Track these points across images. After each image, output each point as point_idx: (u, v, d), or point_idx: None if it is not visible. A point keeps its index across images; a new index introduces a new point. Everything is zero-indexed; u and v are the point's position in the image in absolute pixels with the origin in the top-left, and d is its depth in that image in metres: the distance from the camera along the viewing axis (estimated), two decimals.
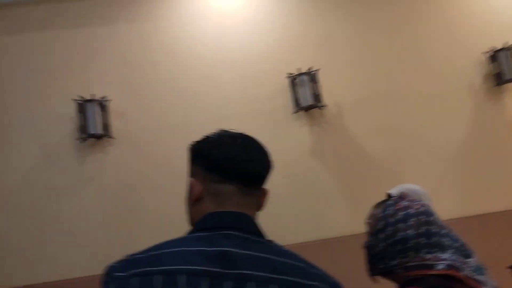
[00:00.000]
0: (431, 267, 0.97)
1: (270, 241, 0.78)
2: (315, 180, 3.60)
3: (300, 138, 3.66)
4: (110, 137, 3.48)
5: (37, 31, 3.55)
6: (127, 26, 3.69)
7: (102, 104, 3.45)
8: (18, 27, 3.53)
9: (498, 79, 3.68)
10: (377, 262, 1.09)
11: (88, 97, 3.39)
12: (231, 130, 0.92)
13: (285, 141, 3.63)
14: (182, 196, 0.98)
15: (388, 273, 1.07)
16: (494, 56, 3.69)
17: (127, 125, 3.56)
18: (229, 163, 0.80)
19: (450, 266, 0.95)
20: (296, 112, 3.64)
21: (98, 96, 3.43)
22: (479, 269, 0.99)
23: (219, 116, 3.65)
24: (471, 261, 1.00)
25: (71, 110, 3.42)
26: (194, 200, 0.82)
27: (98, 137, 3.43)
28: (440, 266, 0.95)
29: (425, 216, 1.06)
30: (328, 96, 3.64)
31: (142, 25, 3.72)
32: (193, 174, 0.86)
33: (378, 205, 1.18)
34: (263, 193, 0.89)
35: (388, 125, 3.72)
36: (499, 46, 3.71)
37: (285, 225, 3.44)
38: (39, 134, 3.42)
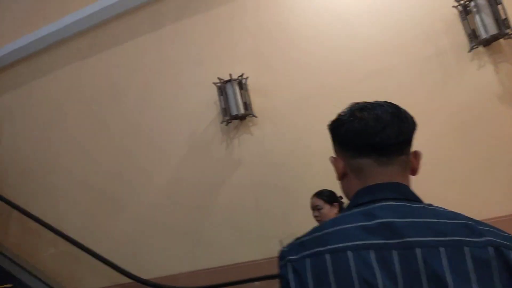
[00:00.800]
0: None
1: (428, 204, 0.74)
2: (503, 128, 2.69)
3: (481, 80, 2.79)
4: (253, 115, 3.27)
5: (173, 23, 3.61)
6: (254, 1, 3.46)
7: (241, 83, 3.27)
8: (158, 23, 3.65)
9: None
10: None
11: (227, 78, 3.25)
12: (362, 102, 0.85)
13: (460, 87, 2.82)
14: (333, 171, 0.90)
15: None
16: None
17: (268, 102, 3.32)
18: (360, 137, 0.78)
19: None
20: (473, 48, 2.78)
21: (235, 75, 3.27)
22: None
23: (369, 71, 3.08)
24: None
25: (214, 94, 3.34)
26: (341, 177, 0.85)
27: (241, 117, 3.27)
28: None
29: None
30: None
31: None
32: (335, 151, 0.88)
33: None
34: (414, 156, 0.84)
35: None
36: None
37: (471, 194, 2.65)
38: (187, 124, 3.46)
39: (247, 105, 3.25)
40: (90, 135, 3.69)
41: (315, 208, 2.18)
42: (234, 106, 3.19)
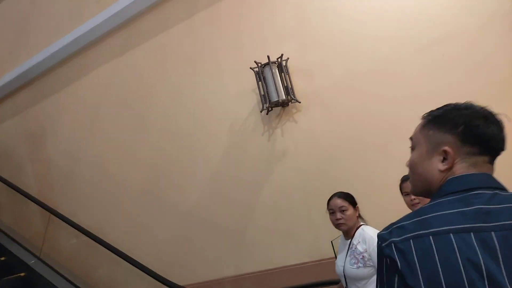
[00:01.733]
0: None
1: None
2: None
3: None
4: (296, 101, 2.92)
5: (207, 8, 3.35)
6: None
7: (281, 65, 2.94)
8: (190, 10, 3.41)
9: None
10: None
11: (265, 62, 2.93)
12: (482, 108, 0.88)
13: None
14: (393, 155, 0.88)
15: None
16: None
17: (313, 84, 2.95)
18: (492, 141, 0.85)
19: None
20: None
21: (274, 57, 2.94)
22: None
23: (424, 40, 2.62)
24: None
25: (253, 81, 3.03)
26: (446, 169, 0.86)
27: (283, 104, 2.93)
28: None
29: None
30: None
31: None
32: (440, 141, 0.87)
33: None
34: None
35: None
36: None
37: None
38: (226, 116, 3.18)
39: (288, 90, 2.90)
40: (128, 134, 3.54)
41: (338, 209, 2.02)
42: (274, 92, 2.86)
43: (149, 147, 3.43)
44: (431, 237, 0.74)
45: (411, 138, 0.96)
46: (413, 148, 0.94)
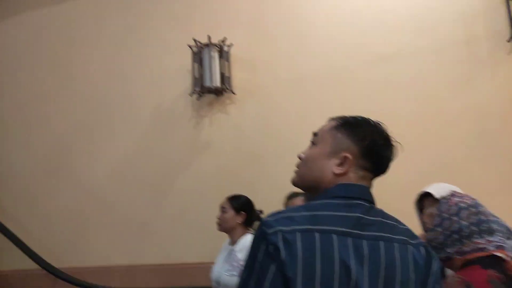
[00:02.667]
0: (484, 249, 1.12)
1: (382, 210, 0.89)
2: None
3: None
4: (231, 92, 2.70)
5: None
6: None
7: (222, 50, 2.70)
8: None
9: None
10: (438, 252, 1.18)
11: (206, 42, 2.68)
12: (385, 128, 0.94)
13: (491, 83, 2.22)
14: None
15: (447, 261, 1.19)
16: None
17: (254, 78, 2.74)
18: (386, 165, 0.92)
19: (498, 247, 1.12)
20: None
21: (216, 39, 2.70)
22: None
23: (379, 55, 2.49)
24: (510, 241, 1.15)
25: (189, 60, 2.77)
26: (340, 174, 0.89)
27: (217, 92, 2.69)
28: (491, 247, 1.12)
29: (475, 208, 1.19)
30: None
31: None
32: (346, 147, 0.90)
33: (432, 205, 1.32)
34: None
35: None
36: None
37: None
38: (154, 93, 2.88)
39: (225, 78, 2.67)
40: (43, 91, 3.11)
41: (220, 209, 2.07)
42: (209, 77, 2.61)
43: (63, 112, 3.04)
44: (317, 233, 0.77)
45: (315, 134, 0.97)
46: (314, 143, 0.96)
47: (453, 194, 1.24)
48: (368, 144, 0.88)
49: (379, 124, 0.93)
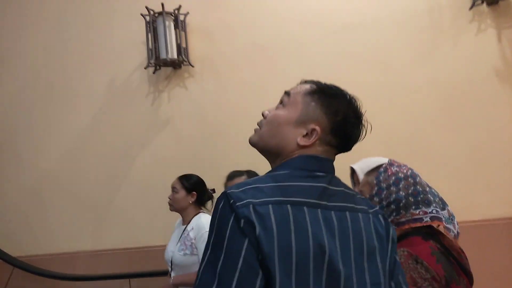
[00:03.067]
0: (420, 220, 1.14)
1: (340, 179, 0.86)
2: (501, 112, 2.11)
3: (479, 48, 2.18)
4: (189, 64, 2.54)
5: None
6: None
7: (177, 19, 2.51)
8: None
9: None
10: None
11: (159, 10, 2.47)
12: (359, 104, 0.87)
13: (453, 53, 2.21)
14: None
15: None
16: None
17: (212, 49, 2.58)
18: (350, 141, 0.86)
19: (434, 218, 1.15)
20: (475, 6, 2.14)
21: (171, 8, 2.50)
22: (449, 219, 1.18)
23: (340, 25, 2.41)
24: (445, 212, 1.18)
25: (143, 31, 2.56)
26: (304, 146, 0.83)
27: (173, 64, 2.53)
28: (427, 218, 1.14)
29: (412, 178, 1.19)
30: None
31: None
32: (316, 118, 0.84)
33: (369, 173, 1.26)
34: None
35: None
36: None
37: None
38: (108, 67, 2.68)
39: (181, 50, 2.50)
40: None
41: (171, 189, 2.02)
42: (164, 48, 2.44)
43: (10, 87, 2.79)
44: (289, 206, 0.72)
45: (287, 93, 0.87)
46: (283, 103, 0.87)
47: (391, 163, 1.23)
48: (340, 120, 0.82)
49: (353, 99, 0.86)
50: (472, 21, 2.20)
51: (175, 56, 2.46)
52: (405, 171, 1.20)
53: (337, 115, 0.82)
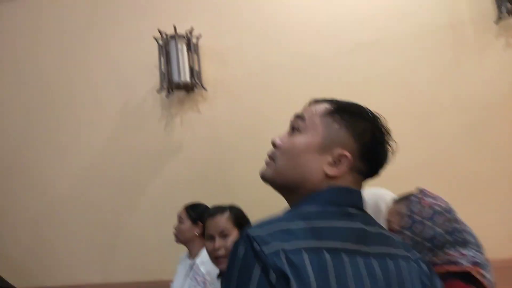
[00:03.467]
0: (458, 263, 1.00)
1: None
2: None
3: (507, 64, 2.06)
4: (202, 87, 2.48)
5: None
6: None
7: (190, 41, 2.46)
8: None
9: None
10: None
11: (171, 32, 2.44)
12: (385, 124, 0.76)
13: (478, 70, 2.09)
14: None
15: None
16: None
17: (225, 71, 2.52)
18: (380, 169, 0.75)
19: (472, 262, 1.00)
20: (501, 19, 2.04)
21: (183, 30, 2.46)
22: (486, 264, 1.03)
23: (352, 43, 2.33)
24: (482, 256, 1.03)
25: (156, 54, 2.52)
26: (336, 174, 0.70)
27: (187, 88, 2.47)
28: (465, 262, 1.00)
29: (449, 213, 1.06)
30: None
31: None
32: (341, 141, 0.71)
33: (399, 202, 1.14)
34: None
35: None
36: None
37: None
38: (121, 92, 2.64)
39: (194, 73, 2.45)
40: (6, 92, 2.81)
41: (177, 218, 1.90)
42: (177, 71, 2.39)
43: (22, 112, 2.76)
44: (327, 254, 0.59)
45: (300, 116, 0.75)
46: (297, 129, 0.74)
47: (424, 193, 1.10)
48: (368, 141, 0.71)
49: (377, 116, 0.76)
50: (498, 36, 2.09)
51: (188, 79, 2.40)
52: (442, 204, 1.08)
53: (365, 135, 0.71)
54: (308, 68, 2.42)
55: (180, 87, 2.45)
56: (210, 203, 2.26)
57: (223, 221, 1.39)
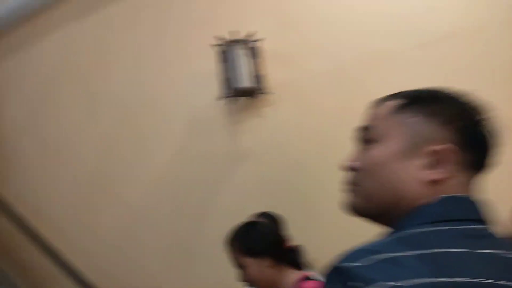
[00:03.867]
0: None
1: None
2: None
3: None
4: (266, 92, 2.38)
5: None
6: None
7: (251, 46, 2.38)
8: None
9: None
10: None
11: (232, 37, 2.38)
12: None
13: None
14: None
15: None
16: None
17: (290, 74, 2.41)
18: (489, 153, 0.58)
19: None
20: None
21: (243, 34, 2.38)
22: None
23: (430, 36, 2.08)
24: None
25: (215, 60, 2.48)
26: (437, 180, 0.54)
27: (250, 93, 2.39)
28: None
29: None
30: None
31: None
32: (430, 135, 0.56)
33: None
34: None
35: None
36: None
37: None
38: (184, 102, 2.64)
39: (258, 77, 2.36)
40: (79, 112, 2.97)
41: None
42: (240, 77, 2.31)
43: (100, 131, 2.89)
44: None
45: (366, 127, 0.63)
46: (369, 141, 0.61)
47: None
48: (465, 125, 0.57)
49: (460, 92, 0.61)
50: None
51: (250, 84, 2.32)
52: None
53: (456, 118, 0.57)
54: (381, 64, 2.24)
55: (242, 93, 2.38)
56: (287, 211, 2.15)
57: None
